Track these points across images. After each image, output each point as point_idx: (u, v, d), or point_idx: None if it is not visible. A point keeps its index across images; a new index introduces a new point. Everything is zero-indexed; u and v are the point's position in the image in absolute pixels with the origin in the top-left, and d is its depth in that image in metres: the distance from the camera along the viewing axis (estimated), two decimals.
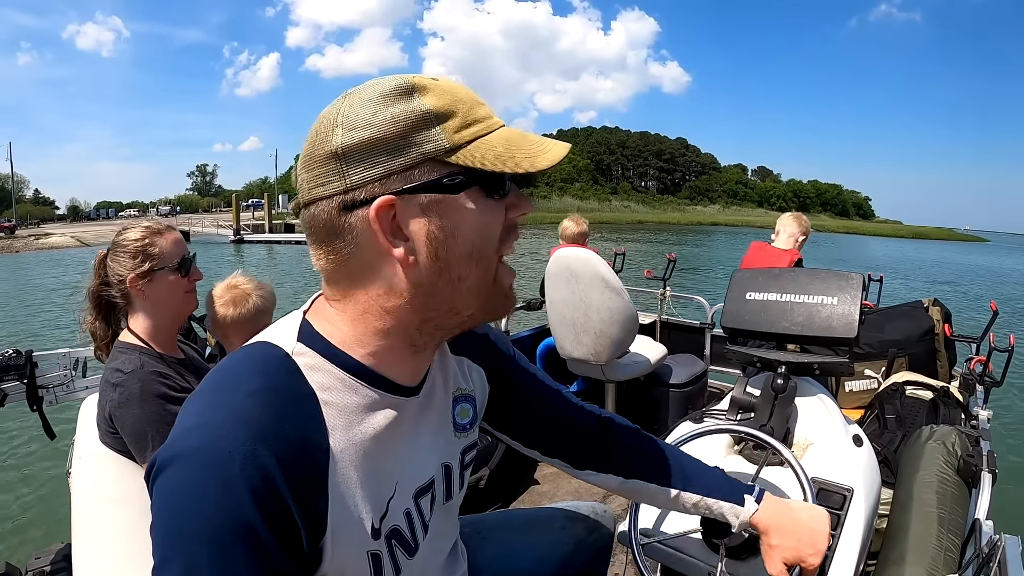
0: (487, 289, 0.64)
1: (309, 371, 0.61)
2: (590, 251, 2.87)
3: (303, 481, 0.56)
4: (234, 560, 0.51)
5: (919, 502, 1.44)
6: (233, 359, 0.62)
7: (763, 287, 1.51)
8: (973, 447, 1.55)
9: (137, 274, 1.35)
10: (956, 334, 2.43)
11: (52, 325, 10.32)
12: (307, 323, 0.65)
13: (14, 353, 1.69)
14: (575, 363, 3.02)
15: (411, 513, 0.70)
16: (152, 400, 1.25)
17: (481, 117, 0.61)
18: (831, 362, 1.40)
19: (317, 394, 0.60)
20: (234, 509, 0.51)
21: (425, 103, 0.57)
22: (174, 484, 0.52)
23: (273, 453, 0.53)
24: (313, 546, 0.57)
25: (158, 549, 0.52)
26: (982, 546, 1.15)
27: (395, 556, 0.67)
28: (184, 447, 0.53)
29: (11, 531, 3.42)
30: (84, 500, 1.26)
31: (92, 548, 1.16)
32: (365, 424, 0.63)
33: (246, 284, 1.50)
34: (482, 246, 0.62)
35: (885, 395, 2.13)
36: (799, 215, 3.29)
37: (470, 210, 0.60)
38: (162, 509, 0.53)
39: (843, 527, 1.21)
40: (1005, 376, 1.96)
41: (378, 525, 0.64)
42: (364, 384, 0.64)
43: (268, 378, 0.58)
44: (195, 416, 0.56)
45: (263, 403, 0.56)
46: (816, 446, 1.37)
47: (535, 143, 0.62)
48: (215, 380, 0.60)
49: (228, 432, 0.53)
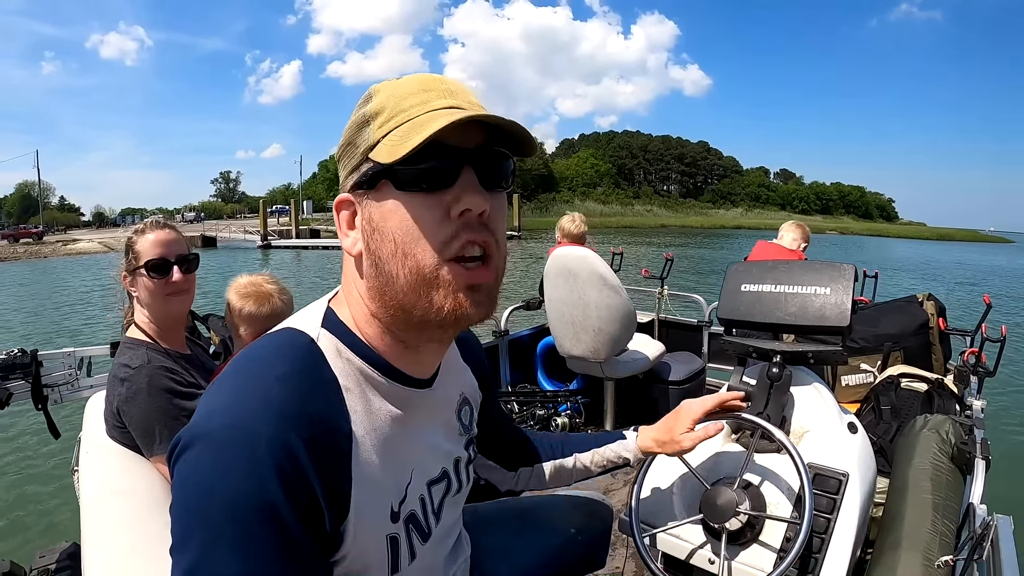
0: (425, 289, 0.60)
1: (332, 357, 0.63)
2: (588, 249, 2.89)
3: (328, 463, 0.57)
4: (256, 539, 0.52)
5: (914, 489, 1.46)
6: (260, 344, 0.64)
7: (758, 279, 1.53)
8: (967, 435, 1.57)
9: (125, 271, 1.37)
10: (950, 327, 2.46)
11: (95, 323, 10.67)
12: (331, 310, 0.68)
13: (19, 352, 1.71)
14: (574, 361, 3.05)
15: (425, 500, 0.72)
16: (159, 394, 1.27)
17: (407, 107, 0.60)
18: (825, 350, 1.42)
19: (339, 380, 0.62)
20: (259, 488, 0.52)
21: (368, 104, 0.63)
22: (199, 463, 0.53)
23: (299, 435, 0.55)
24: (335, 528, 0.58)
25: (178, 528, 0.53)
26: (975, 528, 1.18)
27: (411, 540, 0.69)
28: (210, 427, 0.54)
29: (15, 530, 3.42)
30: (93, 494, 1.27)
31: (102, 542, 1.17)
32: (383, 411, 0.66)
33: (270, 284, 1.50)
34: (405, 243, 0.59)
35: (880, 388, 2.15)
36: (800, 223, 3.49)
37: (387, 205, 0.60)
38: (185, 488, 0.53)
39: (839, 511, 1.23)
40: (998, 366, 1.99)
41: (397, 509, 0.66)
42: (380, 374, 0.66)
43: (294, 363, 0.60)
44: (222, 397, 0.57)
45: (290, 387, 0.57)
46: (812, 433, 1.39)
47: (424, 124, 0.57)
48: (242, 364, 0.61)
49: (255, 413, 0.54)
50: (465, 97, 0.63)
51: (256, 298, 1.46)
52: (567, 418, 3.04)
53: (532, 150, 0.64)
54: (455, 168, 0.59)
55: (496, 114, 0.59)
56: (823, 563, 1.18)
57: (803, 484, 1.12)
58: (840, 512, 1.23)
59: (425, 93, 0.61)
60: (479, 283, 0.62)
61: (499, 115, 0.59)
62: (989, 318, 2.21)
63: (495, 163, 0.62)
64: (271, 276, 1.55)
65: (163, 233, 1.38)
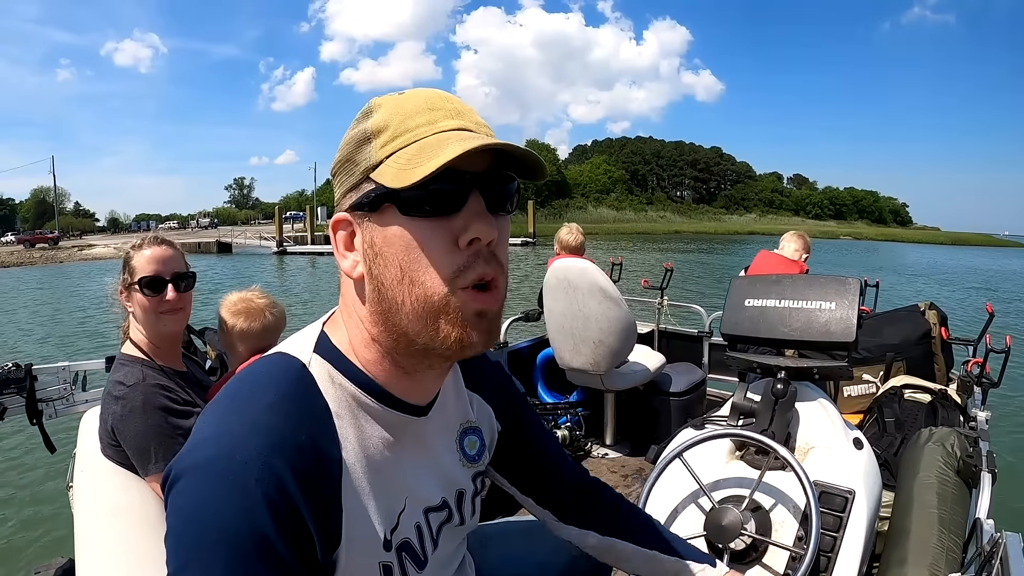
0: (432, 318, 0.59)
1: (323, 383, 0.62)
2: (588, 261, 2.88)
3: (317, 492, 0.56)
4: (249, 570, 0.51)
5: (920, 504, 1.44)
6: (252, 370, 0.63)
7: (762, 293, 1.52)
8: (972, 448, 1.56)
9: (122, 286, 1.36)
10: (953, 337, 2.45)
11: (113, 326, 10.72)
12: (324, 335, 0.66)
13: (13, 367, 1.69)
14: (574, 373, 3.03)
15: (421, 527, 0.70)
16: (154, 413, 1.26)
17: (413, 126, 0.58)
18: (830, 366, 1.41)
19: (330, 406, 0.61)
20: (250, 520, 0.51)
21: (369, 121, 0.60)
22: (191, 494, 0.53)
23: (288, 464, 0.54)
24: (327, 556, 0.58)
25: (173, 559, 0.52)
26: (983, 545, 1.16)
27: (405, 568, 0.67)
28: (201, 457, 0.54)
29: (10, 545, 3.39)
30: (87, 513, 1.26)
31: (96, 561, 1.16)
32: (374, 438, 0.64)
33: (260, 299, 1.49)
34: (412, 270, 0.58)
35: (884, 399, 2.14)
36: (801, 233, 3.47)
37: (392, 230, 0.58)
38: (178, 519, 0.53)
39: (845, 529, 1.21)
40: (1002, 377, 1.98)
41: (389, 537, 0.65)
42: (373, 400, 0.64)
43: (285, 389, 0.59)
44: (213, 426, 0.56)
45: (280, 415, 0.56)
46: (817, 450, 1.37)
47: (437, 148, 0.55)
48: (234, 390, 0.60)
49: (245, 443, 0.53)
50: (472, 118, 0.61)
51: (247, 314, 1.45)
52: (567, 431, 3.01)
53: (543, 175, 0.61)
54: (463, 193, 0.57)
55: (510, 141, 0.57)
56: None
57: (810, 504, 1.11)
58: (847, 530, 1.21)
59: (431, 112, 0.59)
60: (486, 309, 0.60)
61: (512, 142, 0.57)
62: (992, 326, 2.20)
63: (502, 186, 0.60)
64: (261, 291, 1.55)
65: (160, 250, 1.36)
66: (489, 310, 0.61)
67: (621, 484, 2.82)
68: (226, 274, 4.15)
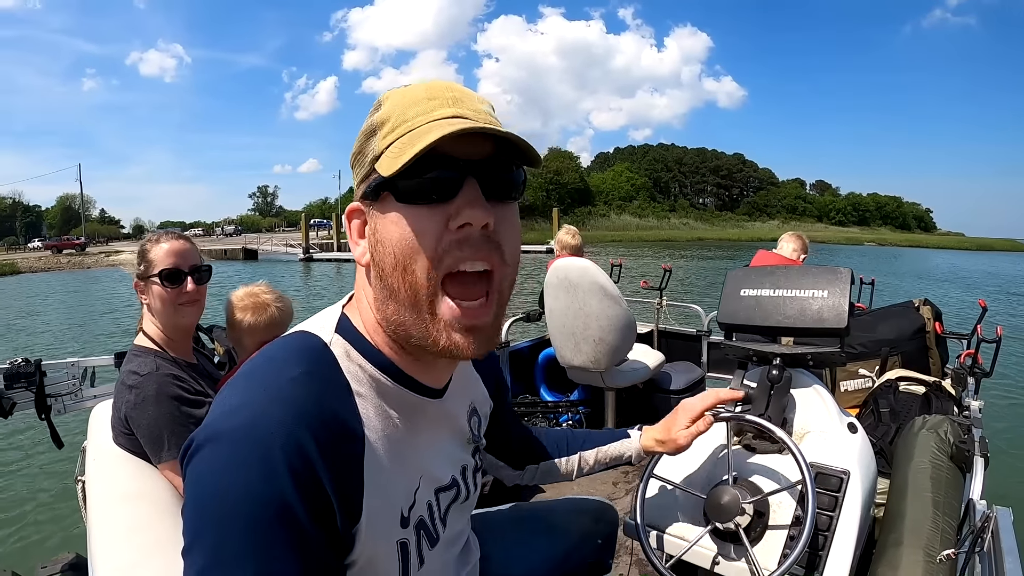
0: (419, 312, 0.61)
1: (344, 362, 0.64)
2: (588, 260, 2.92)
3: (340, 465, 0.57)
4: (269, 537, 0.51)
5: (914, 488, 1.47)
6: (273, 347, 0.64)
7: (757, 284, 1.56)
8: (965, 434, 1.59)
9: (137, 277, 1.39)
10: (947, 331, 2.49)
11: None
12: (345, 316, 0.69)
13: (23, 362, 1.71)
14: (575, 371, 3.06)
15: (432, 506, 0.72)
16: (167, 402, 1.28)
17: (409, 117, 0.59)
18: (824, 352, 1.44)
19: (352, 385, 0.63)
20: (273, 487, 0.51)
21: (376, 115, 0.63)
22: (213, 462, 0.53)
23: (312, 435, 0.55)
24: (347, 530, 0.58)
25: (190, 527, 0.52)
26: (976, 522, 1.19)
27: (421, 546, 0.69)
28: (225, 427, 0.54)
29: (17, 540, 3.39)
30: (100, 501, 1.28)
31: (111, 547, 1.17)
32: (394, 417, 0.66)
33: (267, 294, 1.52)
34: (405, 257, 0.59)
35: (879, 391, 2.17)
36: (799, 234, 3.52)
37: (389, 217, 0.60)
38: (198, 486, 0.53)
39: (841, 508, 1.24)
40: (994, 366, 2.01)
41: (407, 514, 0.67)
42: (392, 381, 0.66)
43: (307, 365, 0.60)
44: (235, 398, 0.57)
45: (304, 388, 0.58)
46: (812, 434, 1.40)
47: (422, 136, 0.56)
48: (255, 365, 0.61)
49: (269, 413, 0.54)
50: (471, 105, 0.62)
51: (254, 309, 1.48)
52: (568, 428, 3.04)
53: (537, 162, 0.63)
54: (458, 179, 0.58)
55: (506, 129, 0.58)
56: (827, 560, 1.19)
57: (806, 484, 1.14)
58: (842, 509, 1.24)
59: (430, 101, 0.60)
60: (477, 324, 0.61)
61: (500, 127, 0.58)
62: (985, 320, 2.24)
63: (502, 174, 0.61)
64: (268, 286, 1.58)
65: (178, 243, 1.40)
66: (482, 325, 0.62)
67: (622, 479, 2.85)
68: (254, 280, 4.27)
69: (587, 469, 1.15)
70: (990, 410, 2.01)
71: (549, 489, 2.64)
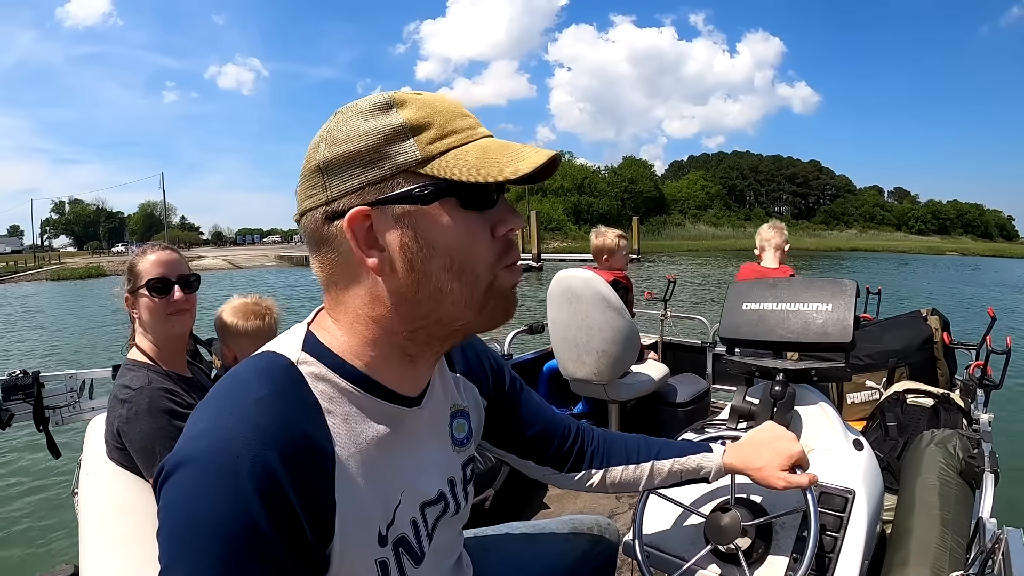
0: (477, 301, 0.64)
1: (313, 380, 0.63)
2: (591, 271, 2.90)
3: (310, 486, 0.57)
4: (242, 563, 0.51)
5: (922, 505, 1.44)
6: (240, 368, 0.64)
7: (759, 297, 1.53)
8: (975, 449, 1.55)
9: (126, 292, 1.39)
10: (955, 342, 2.45)
11: None
12: (311, 334, 0.67)
13: (21, 373, 1.72)
14: (578, 384, 3.03)
15: (417, 522, 0.70)
16: (160, 416, 1.27)
17: (459, 128, 0.61)
18: (828, 367, 1.41)
19: (320, 403, 0.62)
20: (243, 512, 0.52)
21: (401, 116, 0.60)
22: (183, 488, 0.53)
23: (280, 457, 0.54)
24: (320, 551, 0.58)
25: (165, 553, 0.52)
26: (985, 542, 1.15)
27: (402, 564, 0.67)
28: (193, 452, 0.54)
29: (14, 553, 3.40)
30: (92, 515, 1.27)
31: (101, 561, 1.17)
32: (367, 432, 0.65)
33: (260, 304, 1.55)
34: (463, 259, 0.62)
35: (886, 404, 2.13)
36: (776, 224, 3.23)
37: (445, 222, 0.60)
38: (170, 513, 0.53)
39: (846, 529, 1.21)
40: (1004, 378, 1.97)
41: (385, 532, 0.65)
42: (365, 393, 0.65)
43: (275, 386, 0.60)
44: (203, 422, 0.57)
45: (271, 409, 0.57)
46: (817, 452, 1.37)
47: (511, 152, 0.61)
48: (223, 388, 0.61)
49: (237, 436, 0.54)
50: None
51: (244, 316, 1.51)
52: None
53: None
54: (499, 190, 0.64)
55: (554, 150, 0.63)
56: None
57: (809, 505, 1.10)
58: (847, 530, 1.21)
59: (465, 117, 0.63)
60: (517, 282, 0.68)
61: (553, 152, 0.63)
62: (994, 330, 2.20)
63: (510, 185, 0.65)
64: (261, 297, 1.62)
65: (164, 254, 1.40)
66: (517, 283, 0.69)
67: (625, 495, 2.81)
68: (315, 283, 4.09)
69: (659, 480, 1.06)
70: (1000, 424, 1.97)
71: (551, 504, 2.61)
